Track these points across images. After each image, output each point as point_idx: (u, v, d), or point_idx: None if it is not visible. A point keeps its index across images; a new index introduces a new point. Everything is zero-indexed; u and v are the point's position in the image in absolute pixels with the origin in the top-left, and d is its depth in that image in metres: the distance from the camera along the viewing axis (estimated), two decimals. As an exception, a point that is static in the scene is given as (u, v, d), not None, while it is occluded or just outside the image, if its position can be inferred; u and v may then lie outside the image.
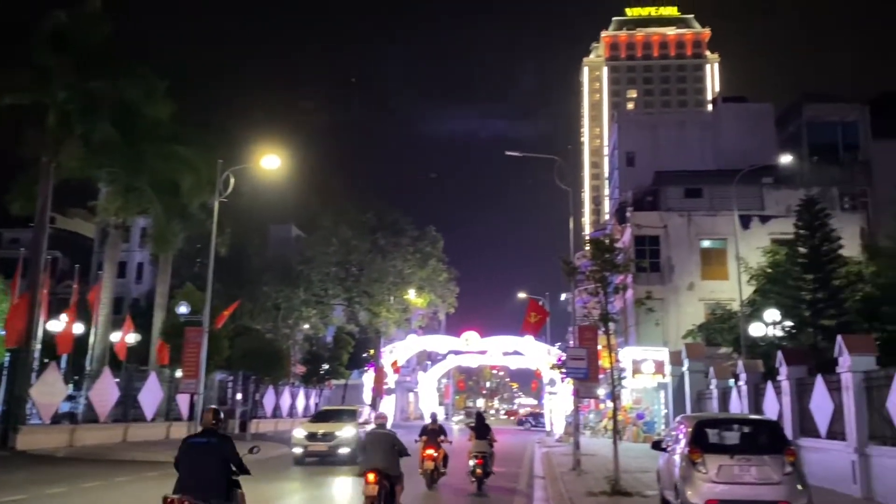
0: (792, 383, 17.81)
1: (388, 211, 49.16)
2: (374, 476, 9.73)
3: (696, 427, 11.44)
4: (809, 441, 16.53)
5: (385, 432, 10.32)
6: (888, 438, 13.16)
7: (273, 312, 45.01)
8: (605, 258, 19.14)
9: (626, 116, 68.14)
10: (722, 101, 51.99)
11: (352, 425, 21.92)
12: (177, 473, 6.83)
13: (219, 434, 7.00)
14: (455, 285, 50.87)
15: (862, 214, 38.62)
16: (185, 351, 24.04)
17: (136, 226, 51.74)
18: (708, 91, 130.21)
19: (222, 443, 6.89)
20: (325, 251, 45.91)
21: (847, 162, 42.20)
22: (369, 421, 22.72)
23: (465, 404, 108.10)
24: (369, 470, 9.79)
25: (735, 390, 22.52)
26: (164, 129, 28.81)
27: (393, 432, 10.41)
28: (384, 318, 46.98)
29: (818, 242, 23.13)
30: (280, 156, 23.75)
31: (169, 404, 31.14)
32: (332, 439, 21.23)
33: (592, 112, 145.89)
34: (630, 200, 42.03)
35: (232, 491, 6.87)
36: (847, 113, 43.57)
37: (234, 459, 6.90)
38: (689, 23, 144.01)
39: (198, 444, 6.92)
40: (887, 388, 12.97)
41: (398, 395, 68.99)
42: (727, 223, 32.96)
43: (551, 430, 45.46)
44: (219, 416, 7.21)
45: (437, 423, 15.74)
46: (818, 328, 22.40)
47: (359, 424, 22.11)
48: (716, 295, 35.68)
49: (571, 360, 20.01)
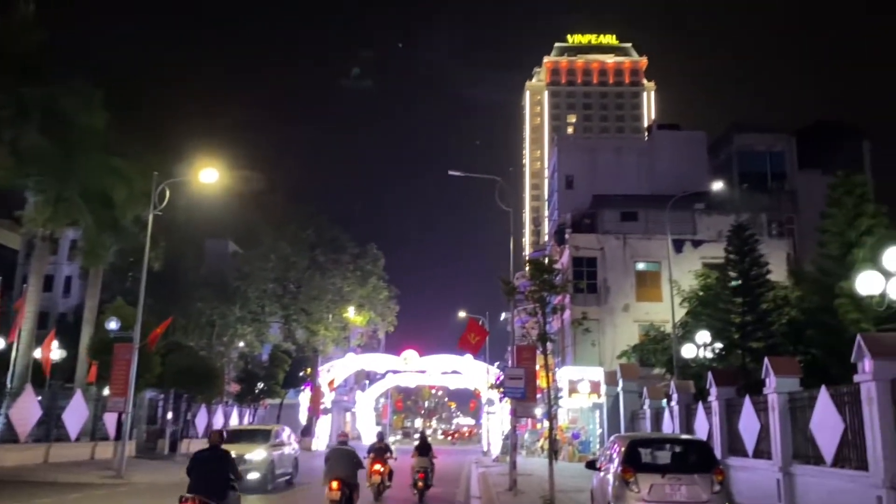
0: (721, 404, 18.28)
1: (328, 227, 48.81)
2: (338, 484, 11.87)
3: (629, 447, 11.65)
4: (737, 460, 16.97)
5: (346, 448, 12.51)
6: (811, 457, 13.62)
7: (207, 329, 43.96)
8: (544, 279, 19.38)
9: (566, 140, 69.48)
10: (657, 128, 53.52)
11: (263, 448, 19.68)
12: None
13: (221, 450, 9.15)
14: (395, 303, 50.78)
15: (788, 241, 40.18)
16: (114, 368, 23.27)
17: (66, 238, 49.96)
18: (644, 118, 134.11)
19: (223, 457, 9.07)
20: (263, 267, 45.20)
21: (775, 190, 43.93)
22: (286, 443, 21.93)
23: (403, 424, 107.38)
24: (333, 478, 11.91)
25: (668, 410, 23.01)
26: (99, 139, 28.00)
27: (352, 448, 12.59)
28: (322, 336, 46.47)
29: (747, 267, 23.83)
30: (220, 170, 23.38)
31: (95, 423, 29.98)
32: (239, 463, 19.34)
33: (534, 135, 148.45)
34: (569, 222, 42.75)
35: (230, 493, 9.03)
36: (775, 143, 45.46)
37: (232, 469, 9.09)
38: (628, 51, 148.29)
39: (205, 457, 9.08)
40: (810, 409, 13.45)
41: (335, 414, 68.02)
42: (661, 247, 33.83)
43: (488, 449, 45.56)
44: (222, 436, 9.57)
45: (383, 441, 17.69)
46: (747, 350, 23.05)
47: (273, 446, 20.27)
48: (650, 316, 36.49)
49: (509, 379, 20.13)
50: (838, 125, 47.56)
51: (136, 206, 28.12)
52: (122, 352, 23.21)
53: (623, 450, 11.60)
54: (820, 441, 13.05)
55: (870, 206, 19.99)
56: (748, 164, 45.00)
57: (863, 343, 11.47)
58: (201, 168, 23.12)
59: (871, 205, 20.06)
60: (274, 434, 21.38)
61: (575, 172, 48.53)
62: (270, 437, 20.98)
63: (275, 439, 20.94)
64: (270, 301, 46.12)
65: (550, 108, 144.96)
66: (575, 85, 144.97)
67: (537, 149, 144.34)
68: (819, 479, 13.15)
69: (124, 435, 22.83)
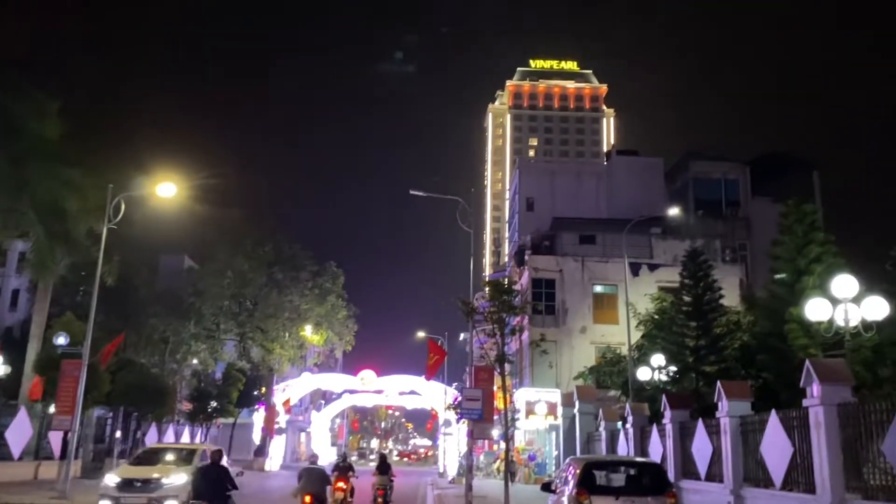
0: (675, 427, 18.49)
1: (287, 244, 48.26)
2: (310, 498, 13.65)
3: (584, 469, 11.70)
4: (690, 483, 17.15)
5: (317, 467, 14.55)
6: (761, 480, 13.84)
7: (160, 346, 43.02)
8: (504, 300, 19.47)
9: (527, 163, 70.17)
10: (616, 153, 54.37)
11: (185, 470, 16.50)
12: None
13: (220, 465, 12.05)
14: (354, 323, 50.28)
15: (741, 267, 41.04)
16: (61, 385, 22.59)
17: (14, 249, 48.65)
18: (603, 143, 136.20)
19: (222, 470, 11.88)
20: (219, 284, 44.45)
21: (729, 217, 44.96)
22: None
23: (360, 445, 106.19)
24: (306, 493, 13.66)
25: (623, 432, 23.18)
26: (52, 149, 27.35)
27: (323, 468, 14.73)
28: (278, 354, 45.76)
29: (701, 292, 24.23)
30: (178, 184, 23.01)
31: (39, 442, 29.01)
32: (155, 489, 16.20)
33: (495, 157, 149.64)
34: (529, 244, 43.05)
35: (228, 499, 11.66)
36: (729, 171, 46.61)
37: (229, 480, 11.76)
38: (588, 78, 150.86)
39: (208, 470, 11.87)
40: (761, 433, 13.68)
41: (289, 434, 66.96)
42: (618, 270, 34.24)
43: (444, 470, 45.26)
44: (221, 454, 12.57)
45: (346, 461, 18.80)
46: (700, 374, 23.37)
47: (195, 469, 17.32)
48: (606, 339, 36.82)
49: (467, 400, 20.11)
50: (790, 156, 49.00)
51: (89, 219, 27.48)
52: (69, 368, 22.55)
53: (578, 472, 11.64)
54: (770, 464, 13.27)
55: (819, 234, 20.52)
56: (703, 190, 46.02)
57: (811, 368, 11.73)
58: (159, 182, 22.74)
59: (821, 233, 20.60)
60: (200, 454, 17.80)
61: (535, 195, 49.02)
62: (195, 457, 17.63)
63: (201, 460, 17.27)
64: (226, 318, 45.34)
65: (512, 130, 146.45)
66: (537, 109, 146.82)
67: (499, 170, 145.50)
68: (768, 502, 13.36)
69: (70, 454, 22.09)
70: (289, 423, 60.86)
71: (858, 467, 10.94)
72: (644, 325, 29.07)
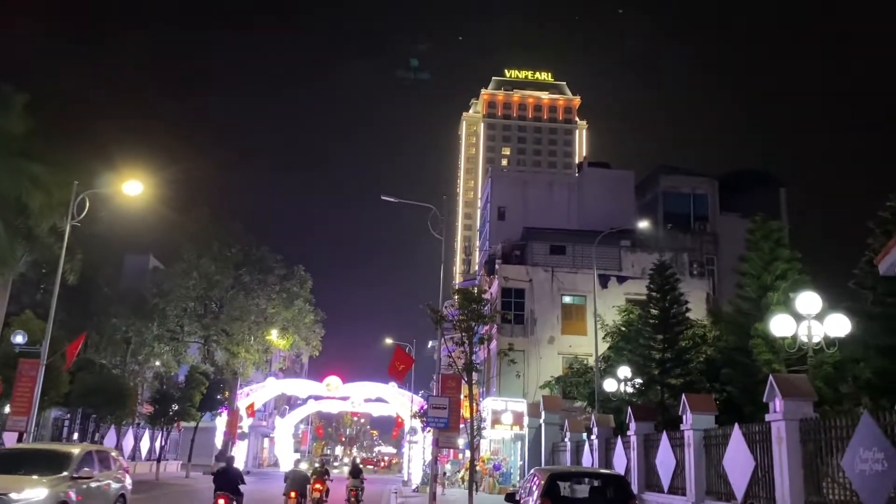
0: (640, 439, 18.56)
1: (255, 247, 47.75)
2: (295, 494, 17.02)
3: (549, 480, 11.68)
4: (653, 496, 17.22)
5: (300, 470, 18.40)
6: (723, 494, 13.92)
7: (122, 346, 42.25)
8: (473, 308, 19.42)
9: (499, 172, 70.53)
10: (588, 165, 54.75)
11: (47, 484, 12.40)
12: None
13: (234, 466, 15.21)
14: (321, 328, 49.88)
15: (708, 281, 41.55)
16: (17, 385, 22.07)
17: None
18: (576, 155, 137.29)
19: (235, 470, 14.87)
20: (185, 285, 43.82)
21: (697, 231, 45.51)
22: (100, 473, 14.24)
23: (323, 451, 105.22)
24: (291, 490, 17.00)
25: (588, 444, 23.23)
26: (16, 143, 26.73)
27: (304, 471, 18.69)
28: (243, 358, 45.20)
29: (668, 305, 24.41)
30: (145, 183, 22.66)
31: (-8, 443, 28.21)
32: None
33: (468, 165, 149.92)
34: (499, 253, 43.12)
35: (239, 494, 14.53)
36: (699, 186, 47.21)
37: (240, 478, 14.73)
38: (562, 89, 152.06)
39: (227, 470, 14.73)
40: (724, 447, 13.77)
41: (252, 440, 66.23)
42: (587, 281, 34.43)
43: (409, 478, 45.03)
44: (233, 458, 16.67)
45: (324, 465, 21.61)
46: (665, 386, 23.52)
47: (68, 480, 12.95)
48: (574, 349, 36.93)
49: (433, 408, 20.01)
50: (758, 172, 49.86)
51: (53, 216, 26.87)
52: (26, 367, 22.06)
53: (542, 483, 11.61)
54: (732, 478, 13.36)
55: (785, 250, 20.80)
56: (673, 204, 46.53)
57: (775, 383, 11.84)
58: (126, 180, 22.36)
59: (787, 250, 20.88)
60: (76, 460, 13.56)
61: (507, 204, 49.14)
62: (68, 464, 13.32)
63: (76, 468, 13.37)
64: (190, 320, 44.70)
65: (486, 139, 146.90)
66: (511, 118, 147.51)
67: (471, 179, 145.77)
68: (730, 515, 13.43)
69: (24, 456, 21.43)
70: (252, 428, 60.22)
71: (818, 482, 11.05)
72: (611, 336, 29.21)
